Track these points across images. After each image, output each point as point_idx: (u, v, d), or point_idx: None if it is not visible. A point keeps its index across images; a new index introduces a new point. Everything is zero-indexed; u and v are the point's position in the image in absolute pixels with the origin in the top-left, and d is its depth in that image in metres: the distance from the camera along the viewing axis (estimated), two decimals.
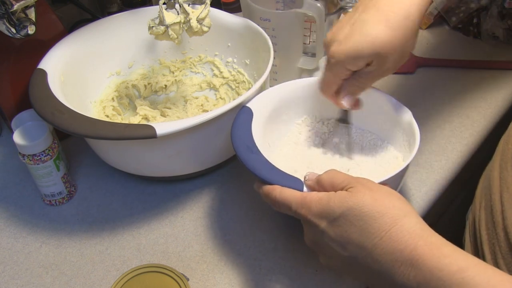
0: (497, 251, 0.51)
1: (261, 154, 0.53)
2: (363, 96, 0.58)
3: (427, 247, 0.39)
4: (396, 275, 0.39)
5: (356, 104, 0.57)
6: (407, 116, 0.58)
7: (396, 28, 0.49)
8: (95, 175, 0.70)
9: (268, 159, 0.52)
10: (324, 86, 0.56)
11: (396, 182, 0.55)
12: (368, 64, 0.51)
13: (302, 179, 0.49)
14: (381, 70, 0.52)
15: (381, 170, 0.60)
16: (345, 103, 0.56)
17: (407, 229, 0.40)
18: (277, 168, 0.51)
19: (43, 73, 0.63)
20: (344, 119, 0.62)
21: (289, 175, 0.50)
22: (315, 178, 0.47)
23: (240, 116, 0.58)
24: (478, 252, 0.56)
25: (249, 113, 0.59)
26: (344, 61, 0.51)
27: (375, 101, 0.62)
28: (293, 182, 0.49)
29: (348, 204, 0.42)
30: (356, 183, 0.43)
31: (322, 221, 0.43)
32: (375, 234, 0.40)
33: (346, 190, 0.43)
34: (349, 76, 0.53)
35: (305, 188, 0.48)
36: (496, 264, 0.52)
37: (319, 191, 0.46)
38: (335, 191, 0.44)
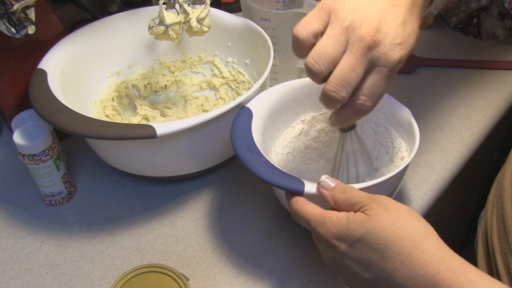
0: (510, 261, 0.51)
1: (261, 155, 0.53)
2: None
3: (450, 272, 0.38)
4: None
5: None
6: (407, 115, 0.58)
7: (417, 27, 0.47)
8: (95, 175, 0.70)
9: (269, 159, 0.52)
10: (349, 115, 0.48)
11: (395, 182, 0.55)
12: None
13: (303, 180, 0.49)
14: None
15: (382, 170, 0.60)
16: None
17: (428, 253, 0.39)
18: (278, 168, 0.51)
19: (43, 73, 0.63)
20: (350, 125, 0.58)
21: (289, 175, 0.50)
22: (331, 190, 0.46)
23: (240, 116, 0.58)
24: (490, 261, 0.56)
25: (249, 114, 0.59)
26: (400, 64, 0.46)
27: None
28: (293, 183, 0.49)
29: (366, 228, 0.41)
30: (372, 204, 0.42)
31: (341, 243, 0.42)
32: (395, 258, 0.39)
33: (363, 212, 0.42)
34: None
35: (309, 189, 0.48)
36: (509, 275, 0.51)
37: (335, 208, 0.45)
38: (353, 211, 0.43)
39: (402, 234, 0.40)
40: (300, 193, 0.48)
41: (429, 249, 0.39)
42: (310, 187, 0.49)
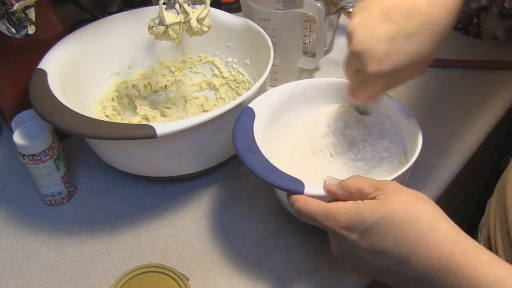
0: None
1: (262, 154, 0.53)
2: None
3: (463, 254, 0.38)
4: (433, 281, 0.39)
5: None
6: (410, 118, 0.58)
7: (441, 38, 0.49)
8: (95, 175, 0.70)
9: (270, 160, 0.52)
10: (358, 95, 0.56)
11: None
12: None
13: (304, 181, 0.49)
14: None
15: (384, 171, 0.60)
16: (372, 102, 0.57)
17: (442, 234, 0.39)
18: (278, 169, 0.51)
19: (43, 73, 0.63)
20: (365, 110, 0.62)
21: (289, 176, 0.50)
22: (337, 183, 0.46)
23: (242, 116, 0.58)
24: None
25: (251, 114, 0.59)
26: (385, 77, 0.50)
27: (379, 102, 0.62)
28: (293, 183, 0.49)
29: (380, 213, 0.40)
30: (384, 188, 0.42)
31: (352, 233, 0.42)
32: (411, 241, 0.39)
33: (375, 198, 0.42)
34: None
35: (310, 190, 0.48)
36: None
37: (344, 197, 0.45)
38: (362, 199, 0.43)
39: (418, 215, 0.40)
40: (300, 194, 0.48)
41: (443, 230, 0.39)
42: (310, 188, 0.48)
